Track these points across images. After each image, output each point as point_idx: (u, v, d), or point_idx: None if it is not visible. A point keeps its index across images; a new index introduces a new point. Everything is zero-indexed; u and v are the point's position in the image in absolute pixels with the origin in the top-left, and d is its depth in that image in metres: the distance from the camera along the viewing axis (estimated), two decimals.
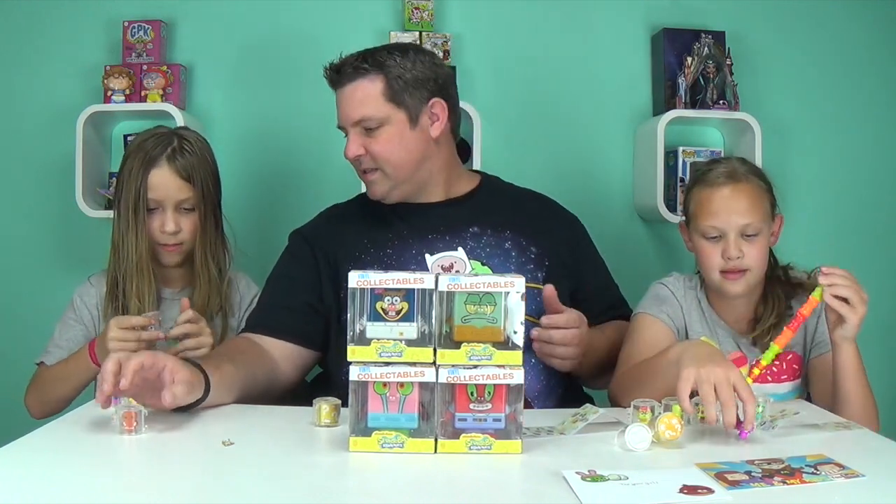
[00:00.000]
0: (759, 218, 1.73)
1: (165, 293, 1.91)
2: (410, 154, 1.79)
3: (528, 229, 1.82)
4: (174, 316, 1.86)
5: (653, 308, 1.79)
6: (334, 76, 1.80)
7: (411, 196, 1.83)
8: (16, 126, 2.55)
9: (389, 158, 1.77)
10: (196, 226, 1.87)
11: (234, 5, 2.57)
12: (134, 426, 1.32)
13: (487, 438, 1.23)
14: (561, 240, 1.87)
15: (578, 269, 1.87)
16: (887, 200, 2.68)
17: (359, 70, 1.77)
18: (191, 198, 1.85)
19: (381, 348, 1.23)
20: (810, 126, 2.65)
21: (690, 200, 1.80)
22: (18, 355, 2.45)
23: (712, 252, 1.73)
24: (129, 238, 1.83)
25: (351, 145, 1.79)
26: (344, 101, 1.79)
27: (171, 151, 1.84)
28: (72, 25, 2.54)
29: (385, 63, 1.77)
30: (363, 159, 1.79)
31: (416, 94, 1.78)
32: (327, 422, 1.38)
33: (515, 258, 1.78)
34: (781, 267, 1.83)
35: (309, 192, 2.52)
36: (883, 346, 2.52)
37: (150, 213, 1.84)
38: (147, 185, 1.82)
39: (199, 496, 1.08)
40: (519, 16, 2.61)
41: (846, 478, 1.15)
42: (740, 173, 1.75)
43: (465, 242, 1.78)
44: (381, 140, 1.77)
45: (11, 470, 1.15)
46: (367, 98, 1.76)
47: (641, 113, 2.63)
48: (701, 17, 2.60)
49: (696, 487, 1.09)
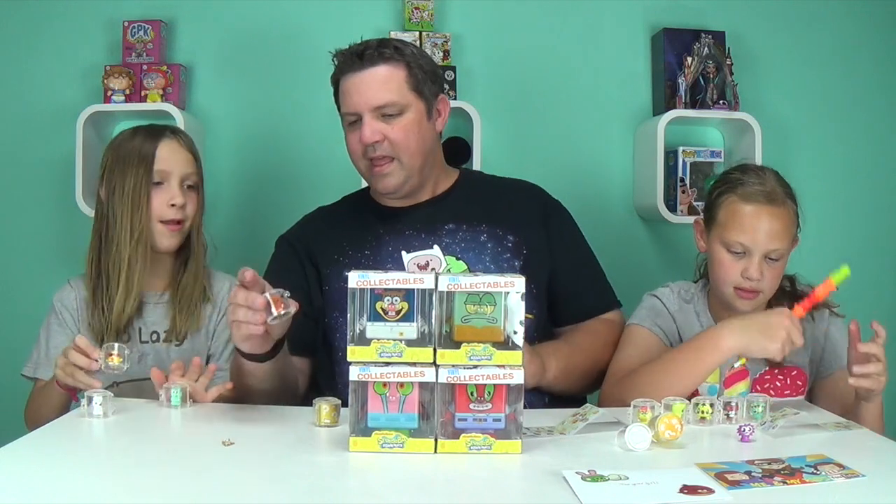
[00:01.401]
0: (787, 244, 1.71)
1: (147, 297, 1.87)
2: (425, 144, 1.77)
3: (504, 219, 1.81)
4: (155, 319, 1.85)
5: (646, 321, 1.78)
6: (354, 60, 1.73)
7: (412, 192, 1.82)
8: (16, 126, 2.55)
9: (409, 146, 1.74)
10: (197, 204, 1.88)
11: (233, 5, 2.57)
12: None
13: (487, 438, 1.23)
14: (538, 225, 1.85)
15: (553, 251, 1.84)
16: (887, 200, 2.68)
17: (383, 55, 1.73)
18: (195, 173, 1.87)
19: (381, 348, 1.23)
20: (810, 126, 2.65)
21: (719, 206, 1.74)
22: (18, 355, 2.45)
23: (732, 267, 1.70)
24: (124, 222, 1.79)
25: (367, 130, 1.72)
26: (363, 85, 1.73)
27: (171, 129, 1.88)
28: (72, 25, 2.54)
29: (405, 52, 1.75)
30: (379, 146, 1.73)
31: (431, 87, 1.77)
32: (327, 422, 1.38)
33: (491, 249, 1.77)
34: (787, 277, 1.80)
35: (309, 193, 2.51)
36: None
37: (154, 189, 1.82)
38: (156, 157, 1.81)
39: (199, 496, 1.08)
40: (519, 16, 2.61)
41: (846, 478, 1.15)
42: (779, 196, 1.70)
43: (441, 240, 1.77)
44: (401, 126, 1.73)
45: (11, 470, 1.15)
46: (392, 83, 1.72)
47: (641, 113, 2.63)
48: (701, 17, 2.60)
49: (697, 487, 1.09)
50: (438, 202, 1.85)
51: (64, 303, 1.89)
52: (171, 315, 1.86)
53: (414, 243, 1.77)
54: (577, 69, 2.62)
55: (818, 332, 1.78)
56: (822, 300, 1.61)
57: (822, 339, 1.77)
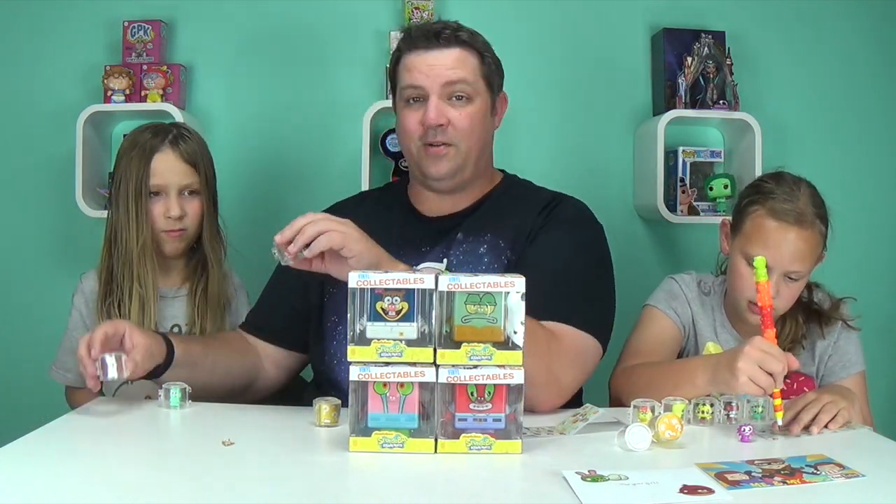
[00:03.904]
0: (809, 266, 1.68)
1: (164, 291, 1.90)
2: (485, 137, 1.71)
3: (510, 232, 1.69)
4: (174, 313, 1.87)
5: (662, 303, 1.79)
6: (430, 38, 1.65)
7: (459, 188, 1.73)
8: (16, 126, 2.55)
9: (472, 135, 1.67)
10: (201, 210, 1.88)
11: (233, 5, 2.57)
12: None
13: (487, 438, 1.23)
14: (530, 229, 1.70)
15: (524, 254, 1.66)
16: (887, 199, 2.67)
17: (459, 38, 1.66)
18: (194, 182, 1.87)
19: (382, 348, 1.23)
20: (810, 126, 2.65)
21: (747, 215, 1.70)
22: (18, 355, 2.46)
23: (749, 281, 1.62)
24: (130, 228, 1.83)
25: (433, 110, 1.63)
26: (437, 63, 1.65)
27: (172, 138, 1.87)
28: (72, 25, 2.54)
29: (478, 40, 1.69)
30: (441, 131, 1.65)
31: (498, 81, 1.73)
32: (327, 422, 1.38)
33: (487, 264, 1.67)
34: (807, 285, 1.76)
35: (310, 192, 2.52)
36: (883, 346, 2.52)
37: (152, 200, 1.84)
38: (150, 171, 1.82)
39: (198, 496, 1.08)
40: (519, 15, 2.61)
41: (846, 478, 1.15)
42: (808, 217, 1.66)
43: (449, 252, 1.69)
44: (468, 113, 1.66)
45: (11, 470, 1.15)
46: (467, 65, 1.66)
47: (641, 113, 2.63)
48: (701, 17, 2.60)
49: (697, 487, 1.09)
50: (464, 216, 1.74)
51: (76, 302, 1.92)
52: (189, 315, 1.88)
53: (427, 257, 1.69)
54: (577, 69, 2.62)
55: (828, 343, 1.77)
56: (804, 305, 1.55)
57: (832, 350, 1.77)
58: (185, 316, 1.90)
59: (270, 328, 1.78)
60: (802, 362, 1.78)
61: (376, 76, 2.52)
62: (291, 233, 1.44)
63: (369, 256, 1.45)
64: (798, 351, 1.76)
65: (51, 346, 2.00)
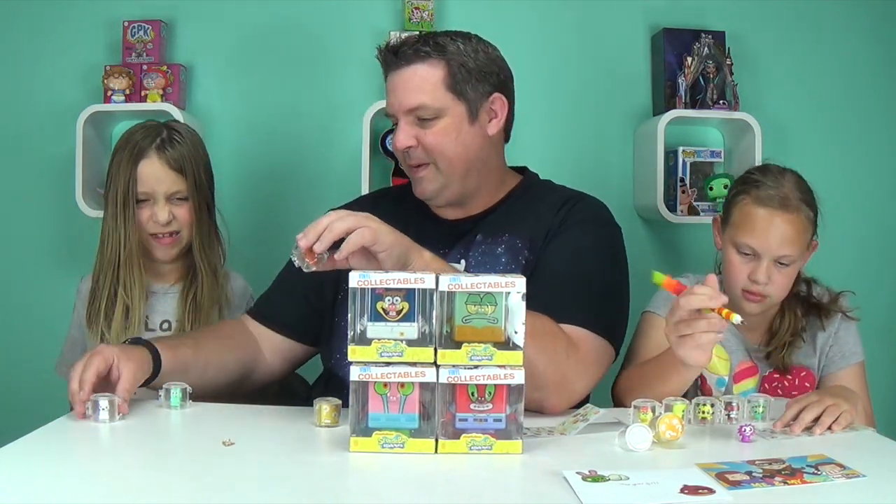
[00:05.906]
0: (798, 250, 1.71)
1: (156, 287, 1.89)
2: (466, 150, 1.65)
3: (528, 232, 1.68)
4: (166, 309, 1.86)
5: (661, 309, 1.79)
6: (390, 58, 1.65)
7: (461, 201, 1.71)
8: (16, 126, 2.55)
9: (444, 152, 1.63)
10: (191, 215, 1.86)
11: (233, 5, 2.57)
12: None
13: (488, 438, 1.23)
14: (548, 231, 1.68)
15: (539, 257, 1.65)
16: (887, 200, 2.68)
17: (419, 53, 1.62)
18: (182, 189, 1.84)
19: (382, 348, 1.23)
20: (810, 126, 2.65)
21: (734, 207, 1.74)
22: (19, 354, 2.46)
23: (741, 268, 1.71)
24: (118, 232, 1.82)
25: (400, 135, 1.64)
26: (398, 87, 1.64)
27: (160, 142, 1.83)
28: (72, 25, 2.54)
29: (447, 48, 1.63)
30: (413, 152, 1.64)
31: (479, 86, 1.65)
32: (328, 422, 1.38)
33: (504, 265, 1.66)
34: (805, 280, 1.80)
35: (310, 192, 2.52)
36: (882, 344, 2.52)
37: (140, 206, 1.83)
38: (136, 178, 1.80)
39: (199, 496, 1.08)
40: (518, 16, 2.61)
41: (847, 478, 1.15)
42: (793, 202, 1.70)
43: (468, 253, 1.68)
44: (436, 132, 1.63)
45: (11, 470, 1.15)
46: (426, 84, 1.62)
47: (641, 113, 2.63)
48: (701, 17, 2.60)
49: (697, 488, 1.09)
50: (481, 218, 1.73)
51: (76, 304, 1.92)
52: (178, 315, 1.87)
53: (446, 259, 1.63)
54: (577, 69, 2.62)
55: (828, 335, 1.78)
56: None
57: (832, 341, 1.77)
58: (176, 313, 1.89)
59: (280, 318, 1.75)
60: (803, 355, 1.79)
61: (376, 76, 2.49)
62: (315, 233, 1.39)
63: (399, 248, 1.43)
64: (798, 344, 1.77)
65: (51, 345, 2.00)
